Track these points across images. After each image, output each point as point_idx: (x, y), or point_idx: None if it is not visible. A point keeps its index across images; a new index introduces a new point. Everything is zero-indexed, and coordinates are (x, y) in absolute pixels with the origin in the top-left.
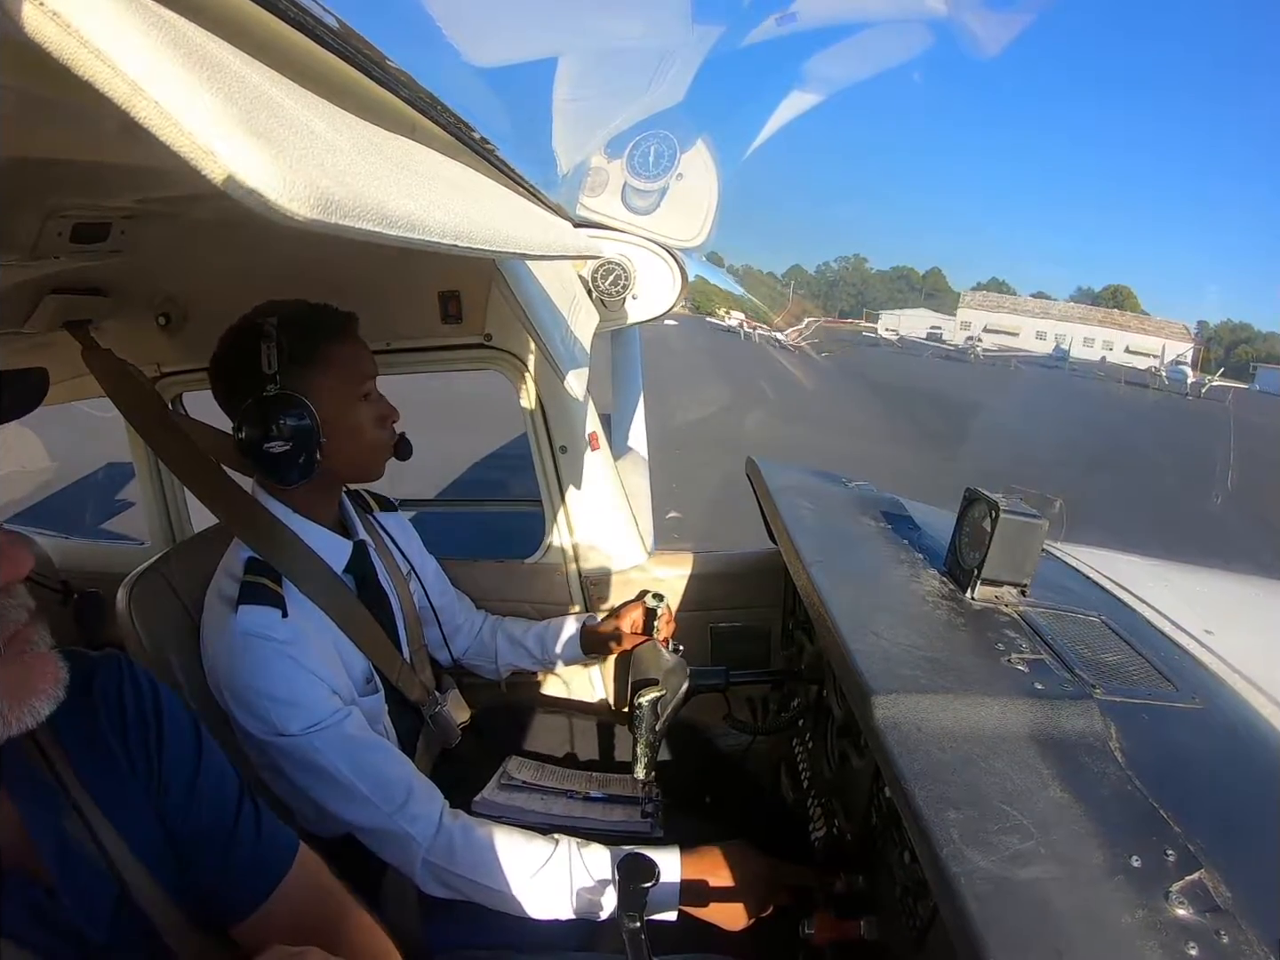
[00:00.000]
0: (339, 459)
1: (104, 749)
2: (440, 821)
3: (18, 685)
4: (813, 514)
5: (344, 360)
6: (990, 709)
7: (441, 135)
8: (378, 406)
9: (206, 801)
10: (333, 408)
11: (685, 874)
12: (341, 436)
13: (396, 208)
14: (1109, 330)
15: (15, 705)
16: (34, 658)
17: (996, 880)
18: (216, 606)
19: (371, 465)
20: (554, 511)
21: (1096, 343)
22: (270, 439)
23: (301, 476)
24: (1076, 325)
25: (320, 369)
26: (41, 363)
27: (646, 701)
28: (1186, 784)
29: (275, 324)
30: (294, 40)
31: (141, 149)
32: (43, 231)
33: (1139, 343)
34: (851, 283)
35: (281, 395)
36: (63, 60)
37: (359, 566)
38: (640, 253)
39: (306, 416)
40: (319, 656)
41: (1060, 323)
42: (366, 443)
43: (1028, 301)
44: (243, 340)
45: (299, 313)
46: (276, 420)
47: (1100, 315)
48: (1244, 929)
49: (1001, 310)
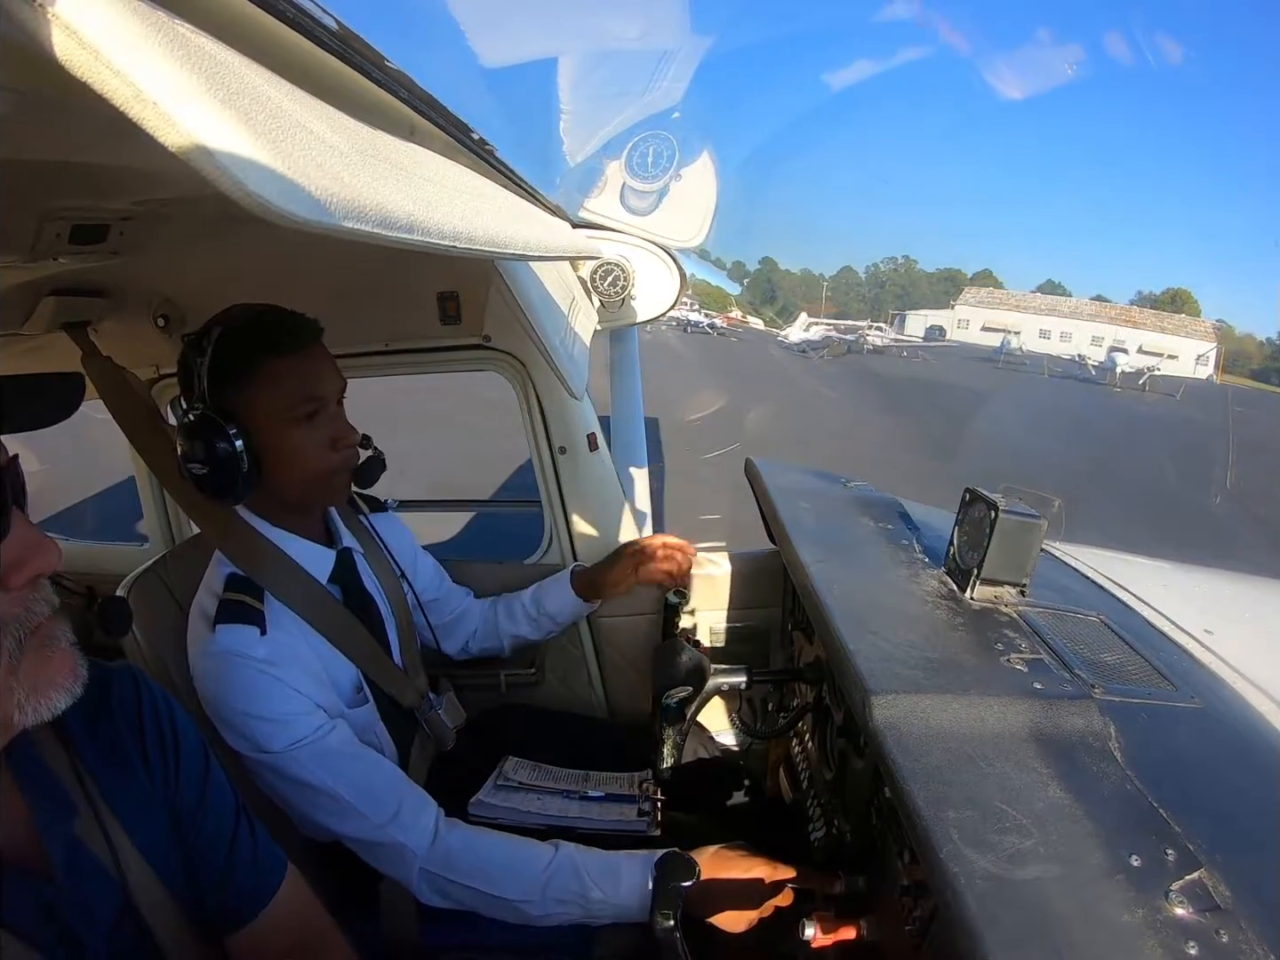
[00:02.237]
0: (283, 483)
1: (121, 756)
2: (436, 830)
3: (37, 677)
4: (812, 514)
5: (285, 378)
6: (990, 709)
7: (440, 136)
8: (328, 427)
9: (212, 817)
10: (267, 430)
11: None
12: (280, 461)
13: (395, 208)
14: (1126, 330)
15: (33, 696)
16: (55, 652)
17: (996, 880)
18: (197, 624)
19: (322, 491)
20: (553, 512)
21: (1105, 342)
22: (192, 460)
23: (236, 498)
24: (1079, 322)
25: (254, 387)
26: (39, 364)
27: (675, 702)
28: (1186, 783)
29: (215, 337)
30: (293, 42)
31: (140, 151)
32: (41, 233)
33: (1155, 343)
34: (899, 284)
35: (203, 416)
36: (61, 62)
37: (344, 575)
38: (639, 253)
39: (227, 441)
40: (302, 672)
41: (1067, 320)
42: (310, 468)
43: (1034, 298)
44: (185, 354)
45: (241, 324)
46: (197, 442)
47: (1114, 313)
48: (1243, 928)
49: (1003, 307)
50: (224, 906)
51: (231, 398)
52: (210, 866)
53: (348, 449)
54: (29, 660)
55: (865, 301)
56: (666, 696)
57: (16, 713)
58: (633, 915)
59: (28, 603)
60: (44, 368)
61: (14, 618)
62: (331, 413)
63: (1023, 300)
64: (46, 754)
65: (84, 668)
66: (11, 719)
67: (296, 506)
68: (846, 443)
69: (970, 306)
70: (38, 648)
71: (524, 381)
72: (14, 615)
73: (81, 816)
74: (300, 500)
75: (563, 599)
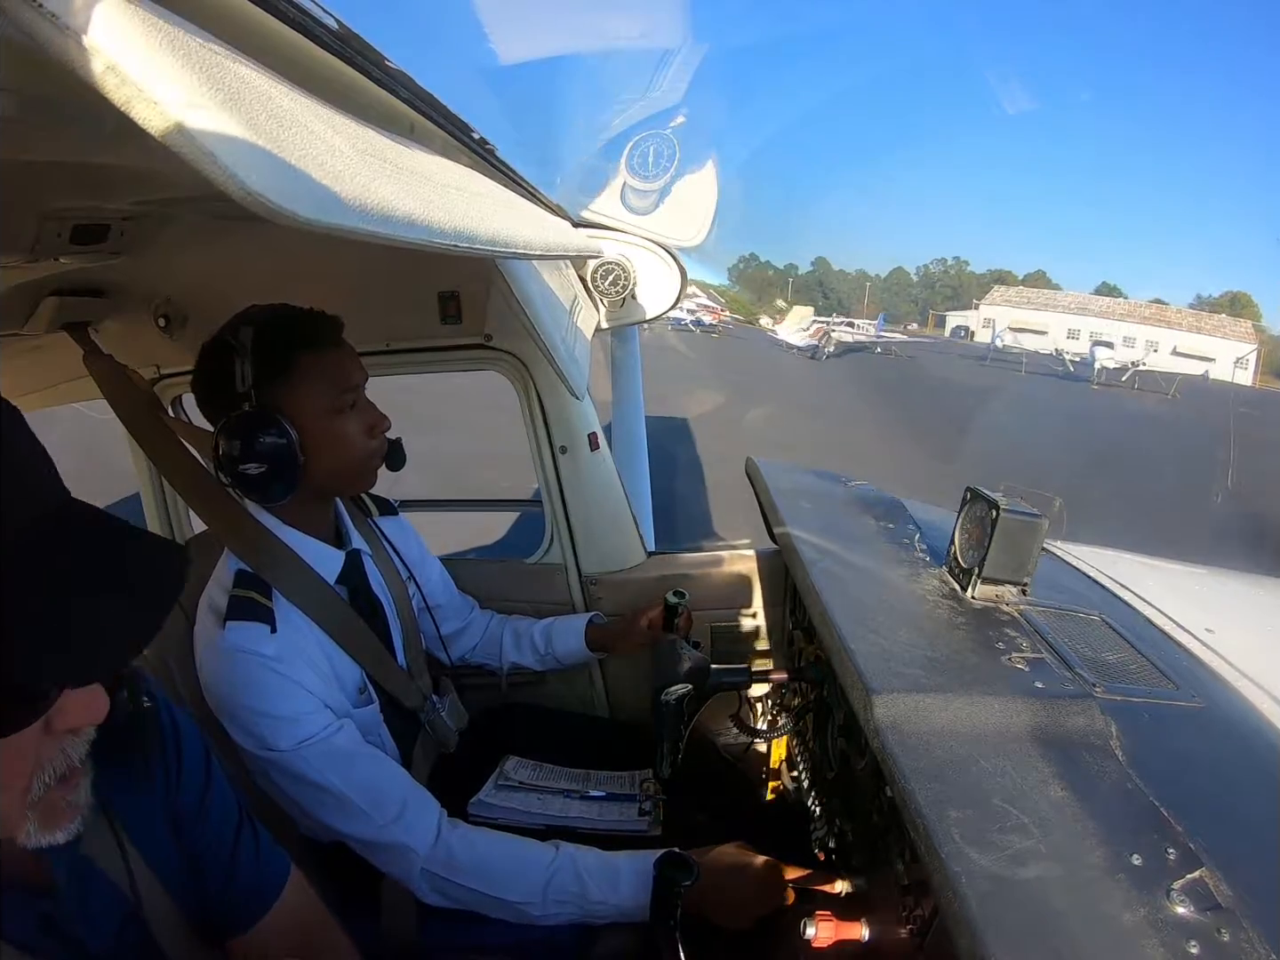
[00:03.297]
0: (324, 473)
1: (123, 761)
2: (438, 831)
3: (49, 818)
4: (813, 514)
5: (323, 370)
6: (991, 708)
7: (440, 135)
8: (364, 415)
9: (213, 822)
10: (313, 422)
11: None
12: (324, 451)
13: (396, 207)
14: (1161, 330)
15: (40, 832)
16: (70, 806)
17: (997, 879)
18: (206, 620)
19: (360, 477)
20: (554, 512)
21: (1138, 343)
22: (247, 460)
23: (284, 494)
24: (1110, 322)
25: (297, 381)
26: (39, 364)
27: (674, 699)
28: (1187, 782)
29: (250, 336)
30: (294, 42)
31: (142, 151)
32: (42, 233)
33: (1191, 344)
34: (950, 285)
35: (256, 413)
36: (63, 63)
37: (352, 576)
38: (640, 253)
39: (283, 434)
40: (309, 670)
41: (1096, 319)
42: (353, 455)
43: (1064, 297)
44: (217, 354)
45: (274, 322)
46: (252, 440)
47: (1147, 312)
48: (1245, 927)
49: (1030, 306)
50: (228, 909)
51: (276, 393)
52: (213, 870)
53: (382, 435)
54: (47, 802)
55: (916, 303)
56: (665, 693)
57: (22, 836)
58: (632, 915)
59: (66, 748)
60: (44, 368)
61: (49, 761)
62: (364, 402)
63: (1052, 299)
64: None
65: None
66: (15, 839)
67: (324, 498)
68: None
69: (996, 306)
70: (59, 796)
71: (525, 381)
72: (49, 759)
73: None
74: (336, 490)
75: (573, 646)
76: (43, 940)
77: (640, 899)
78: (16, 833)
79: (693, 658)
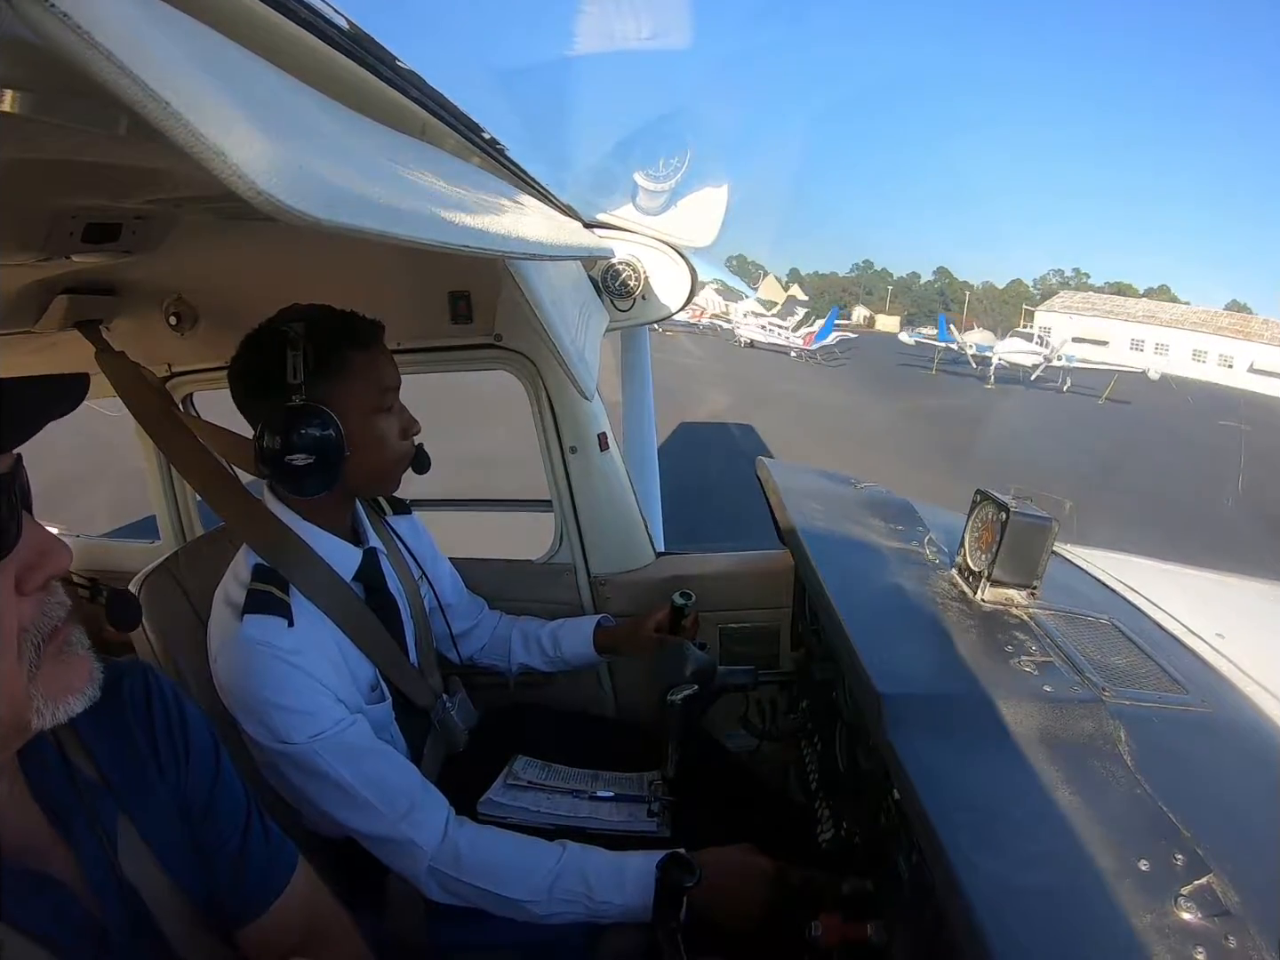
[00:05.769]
0: (359, 471)
1: (133, 752)
2: (446, 829)
3: (56, 683)
4: (822, 515)
5: (370, 370)
6: (999, 711)
7: (452, 136)
8: (401, 418)
9: (223, 812)
10: (357, 420)
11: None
12: (364, 449)
13: (406, 207)
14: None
15: (51, 702)
16: (72, 658)
17: (1004, 883)
18: (223, 612)
19: (390, 478)
20: (563, 512)
21: (1210, 356)
22: (293, 451)
23: (322, 488)
24: (1180, 332)
25: (346, 379)
26: (51, 362)
27: (680, 699)
28: (1195, 788)
29: (302, 330)
30: (305, 41)
31: (153, 150)
32: (54, 231)
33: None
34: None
35: (307, 406)
36: (74, 63)
37: (368, 574)
38: (650, 253)
39: (331, 428)
40: (325, 665)
41: (1166, 330)
42: (389, 456)
43: (1130, 304)
44: (268, 346)
45: (326, 319)
46: (300, 432)
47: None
48: (1252, 933)
49: (1093, 314)
50: (236, 900)
51: (326, 389)
52: (222, 861)
53: (413, 437)
54: (47, 667)
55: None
56: (671, 693)
57: (35, 718)
58: (637, 915)
59: (43, 607)
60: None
61: (31, 622)
62: (399, 404)
63: (1116, 306)
64: (58, 755)
65: (99, 670)
66: (30, 724)
67: (350, 496)
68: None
69: (1055, 313)
70: (55, 654)
71: (535, 381)
72: (31, 620)
73: (94, 817)
74: (367, 489)
75: (581, 648)
76: (56, 931)
77: (645, 899)
78: (25, 711)
79: (698, 659)
